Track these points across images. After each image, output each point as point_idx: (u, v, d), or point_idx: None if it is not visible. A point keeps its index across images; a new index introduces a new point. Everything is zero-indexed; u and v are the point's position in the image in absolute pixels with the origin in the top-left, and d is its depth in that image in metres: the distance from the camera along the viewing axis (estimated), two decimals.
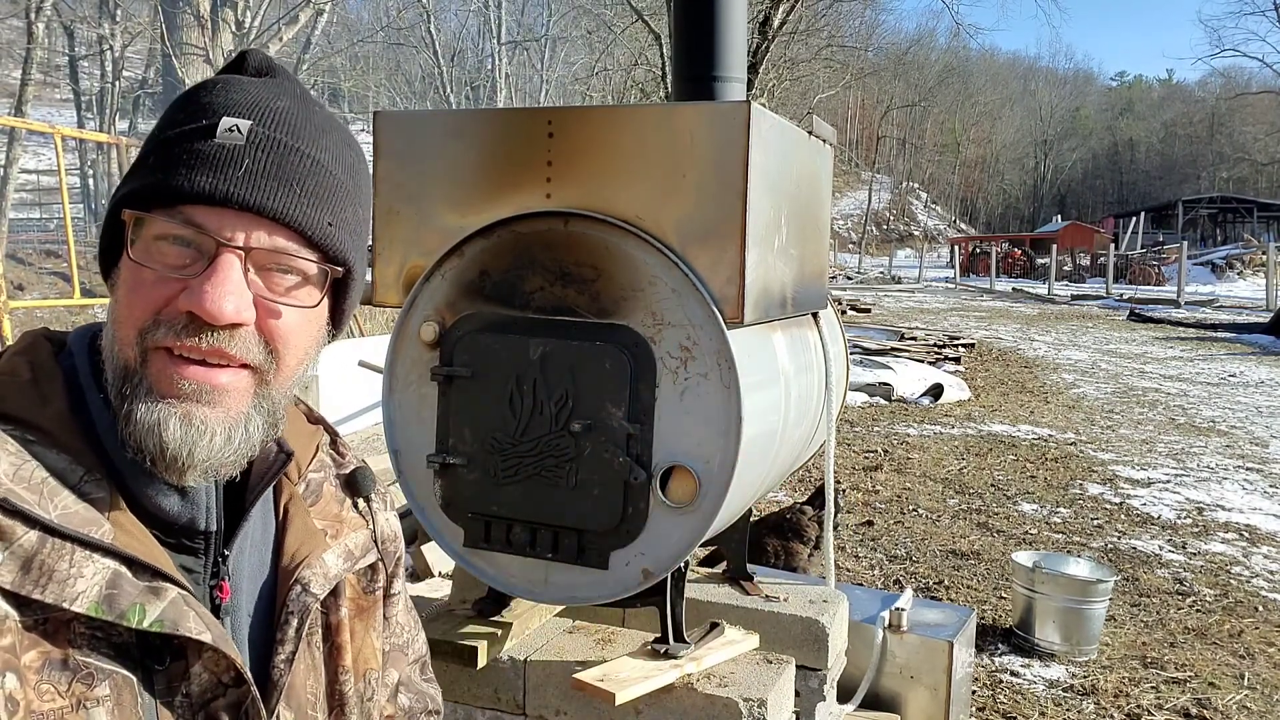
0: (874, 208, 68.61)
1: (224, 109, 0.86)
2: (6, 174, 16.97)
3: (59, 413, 0.84)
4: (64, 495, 0.79)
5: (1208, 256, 39.83)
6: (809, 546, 3.75)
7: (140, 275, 0.83)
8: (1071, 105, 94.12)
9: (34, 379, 0.85)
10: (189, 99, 0.89)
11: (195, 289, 0.81)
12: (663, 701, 1.98)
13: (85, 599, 0.76)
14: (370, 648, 1.06)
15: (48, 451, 0.81)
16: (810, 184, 2.28)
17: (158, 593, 0.80)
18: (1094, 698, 3.73)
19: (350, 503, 1.07)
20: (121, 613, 0.77)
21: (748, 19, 3.39)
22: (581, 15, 24.41)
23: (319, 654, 1.00)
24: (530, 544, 2.00)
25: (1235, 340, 17.29)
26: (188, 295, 0.81)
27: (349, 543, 1.03)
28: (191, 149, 0.83)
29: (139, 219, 0.84)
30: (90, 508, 0.80)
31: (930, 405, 10.08)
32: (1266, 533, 5.89)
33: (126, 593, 0.78)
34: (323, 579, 0.97)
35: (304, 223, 0.86)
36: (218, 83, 0.90)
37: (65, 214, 8.48)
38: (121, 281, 0.85)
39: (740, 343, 1.87)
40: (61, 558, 0.76)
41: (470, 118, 2.09)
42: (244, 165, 0.83)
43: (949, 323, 20.21)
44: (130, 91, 26.91)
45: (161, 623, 0.79)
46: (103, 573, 0.78)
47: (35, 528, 0.76)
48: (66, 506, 0.78)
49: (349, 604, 1.03)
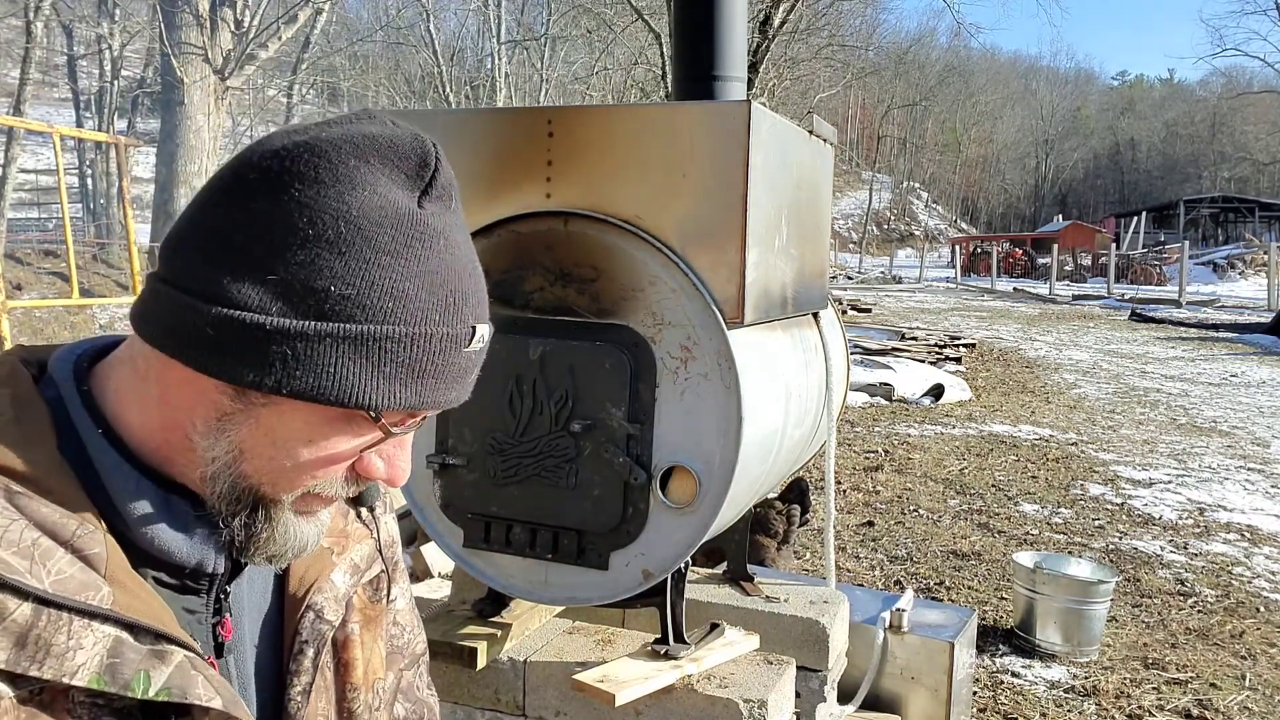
0: (874, 207, 68.63)
1: (472, 309, 0.81)
2: (5, 173, 16.97)
3: (47, 454, 0.77)
4: (57, 557, 0.73)
5: (1209, 256, 39.83)
6: (776, 541, 3.73)
7: (345, 454, 0.81)
8: (1073, 105, 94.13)
9: (16, 417, 0.78)
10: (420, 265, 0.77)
11: (391, 464, 0.84)
12: (663, 702, 1.97)
13: (86, 671, 0.71)
14: (378, 657, 1.04)
15: (36, 504, 0.74)
16: (811, 184, 2.27)
17: (162, 657, 0.75)
18: (1095, 698, 3.72)
19: (354, 514, 1.04)
20: (125, 683, 0.73)
21: (748, 18, 3.38)
22: (581, 14, 24.40)
23: (329, 674, 0.97)
24: (530, 544, 1.99)
25: (1237, 340, 17.28)
26: (386, 469, 0.84)
27: (354, 556, 1.01)
28: (450, 361, 0.80)
29: (391, 432, 0.81)
30: (86, 567, 0.74)
31: (931, 405, 10.07)
32: (1268, 533, 5.88)
33: (129, 660, 0.74)
34: (334, 603, 0.95)
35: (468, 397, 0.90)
36: (437, 239, 0.79)
37: (64, 214, 8.48)
38: (306, 441, 0.79)
39: (740, 343, 1.86)
40: (59, 630, 0.71)
41: (470, 117, 2.08)
42: (474, 372, 0.84)
43: (950, 323, 20.20)
44: (129, 91, 26.92)
45: (169, 690, 0.75)
46: (103, 641, 0.73)
47: (28, 600, 0.70)
48: (61, 571, 0.72)
49: (358, 615, 1.01)
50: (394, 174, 0.78)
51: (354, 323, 0.74)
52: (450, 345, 0.78)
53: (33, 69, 16.54)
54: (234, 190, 0.76)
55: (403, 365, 0.76)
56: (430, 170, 0.79)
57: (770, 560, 3.73)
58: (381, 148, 0.78)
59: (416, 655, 1.19)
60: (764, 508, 3.88)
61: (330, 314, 0.74)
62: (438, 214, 0.80)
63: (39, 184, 27.58)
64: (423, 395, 0.78)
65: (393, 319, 0.75)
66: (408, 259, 0.76)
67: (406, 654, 1.17)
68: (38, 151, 28.31)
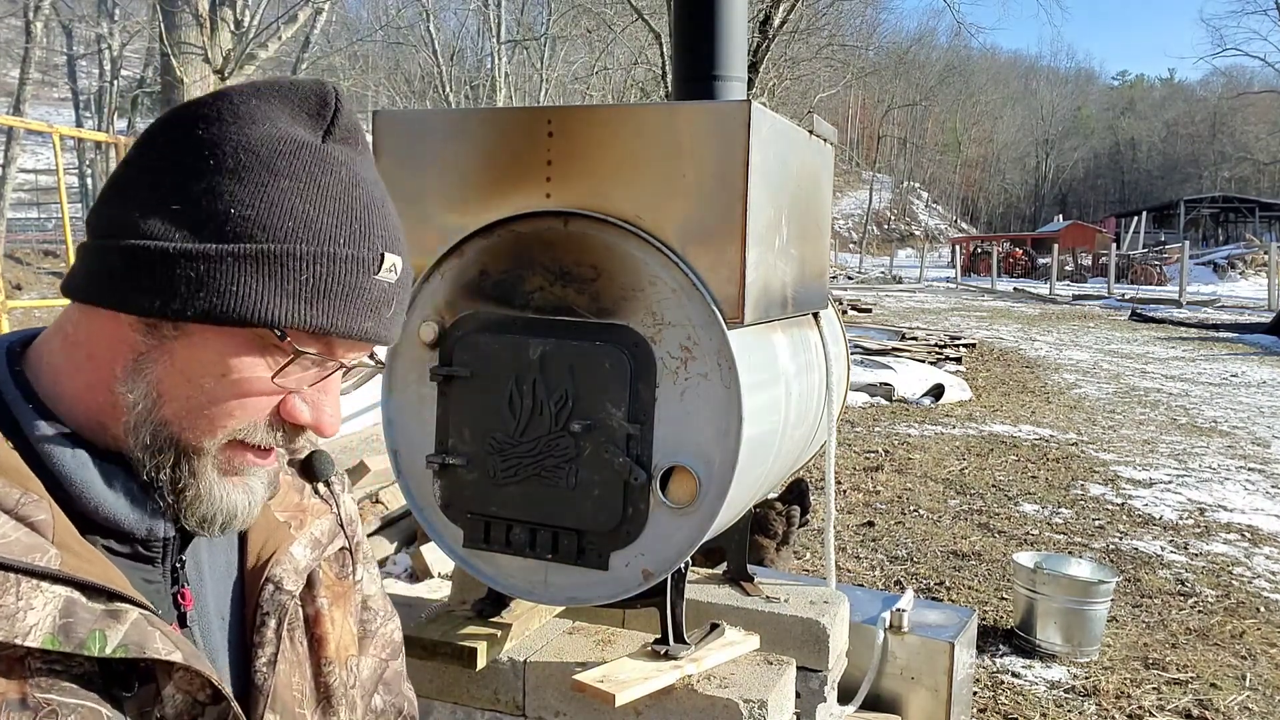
0: (875, 207, 68.63)
1: (381, 237, 0.82)
2: (5, 173, 16.98)
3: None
4: (1, 522, 0.73)
5: (1209, 256, 39.83)
6: (775, 541, 3.73)
7: (260, 387, 0.81)
8: (1073, 104, 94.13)
9: None
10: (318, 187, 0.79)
11: (316, 408, 0.84)
12: (663, 703, 1.97)
13: (39, 632, 0.71)
14: (349, 634, 1.06)
15: None
16: (811, 183, 2.27)
17: (117, 616, 0.75)
18: (1095, 699, 3.72)
19: (310, 489, 1.05)
20: (80, 641, 0.72)
21: (748, 18, 3.38)
22: (581, 14, 24.39)
23: (302, 649, 0.98)
24: (530, 544, 1.99)
25: (1237, 340, 17.28)
26: (310, 413, 0.83)
27: (314, 531, 1.02)
28: (359, 285, 0.80)
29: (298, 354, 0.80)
30: (32, 532, 0.74)
31: (931, 405, 10.07)
32: (1268, 533, 5.88)
33: (83, 620, 0.73)
34: (294, 573, 0.96)
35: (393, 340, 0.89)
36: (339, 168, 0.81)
37: (64, 214, 8.47)
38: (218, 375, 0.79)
39: (741, 343, 1.86)
40: (6, 591, 0.71)
41: (470, 117, 2.08)
42: (394, 307, 0.84)
43: (950, 323, 20.20)
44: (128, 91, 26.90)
45: (125, 647, 0.74)
46: (54, 601, 0.72)
47: None
48: (5, 535, 0.72)
49: (326, 592, 1.02)
50: (295, 112, 0.82)
51: (254, 242, 0.76)
52: (357, 268, 0.80)
53: (32, 69, 16.55)
54: (144, 143, 0.81)
55: (306, 283, 0.78)
56: (331, 110, 0.83)
57: (769, 561, 3.73)
58: (283, 89, 0.82)
59: (397, 645, 1.19)
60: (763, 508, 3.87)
61: (231, 235, 0.76)
62: (341, 151, 0.82)
63: (38, 184, 27.59)
64: (330, 317, 0.79)
65: (294, 238, 0.77)
66: (308, 184, 0.79)
67: (384, 641, 1.16)
68: (37, 151, 28.32)
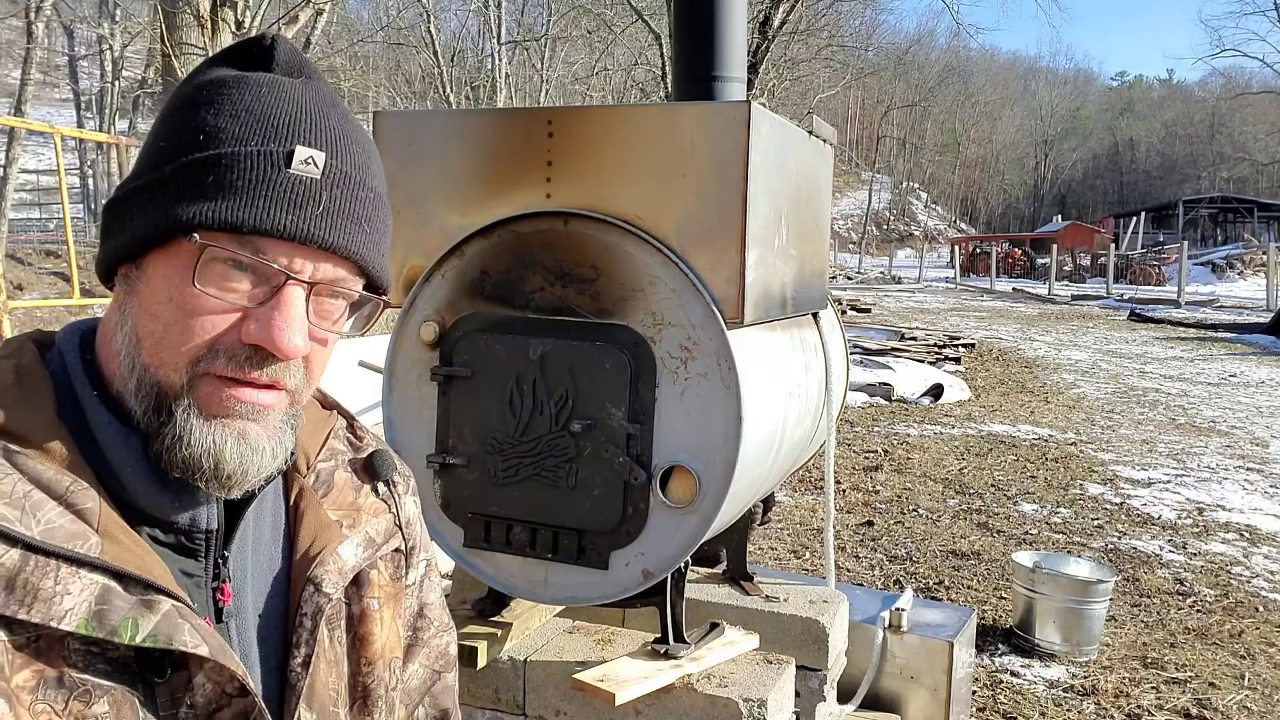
0: (874, 208, 68.62)
1: (291, 132, 0.83)
2: (6, 174, 16.97)
3: (45, 418, 0.81)
4: (48, 508, 0.76)
5: (1208, 256, 39.83)
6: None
7: (200, 302, 0.80)
8: (1072, 105, 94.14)
9: (18, 382, 0.83)
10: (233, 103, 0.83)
11: (265, 323, 0.81)
12: (663, 702, 1.98)
13: (74, 617, 0.74)
14: (396, 636, 1.05)
15: (32, 461, 0.78)
16: (810, 184, 2.27)
17: (150, 606, 0.77)
18: (1094, 698, 3.73)
19: (369, 488, 1.04)
20: (113, 629, 0.75)
21: (748, 19, 3.39)
22: (581, 15, 24.40)
23: (341, 648, 0.97)
24: (530, 544, 2.00)
25: (1236, 340, 17.29)
26: (258, 329, 0.81)
27: (370, 530, 1.01)
28: (266, 178, 0.80)
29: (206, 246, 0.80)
30: (77, 520, 0.77)
31: (930, 405, 10.07)
32: (1267, 533, 5.89)
33: (117, 608, 0.76)
34: (336, 575, 0.95)
35: (366, 258, 0.87)
36: (261, 85, 0.85)
37: (65, 214, 8.49)
38: (166, 300, 0.81)
39: (740, 343, 1.87)
40: (46, 575, 0.74)
41: (470, 118, 2.09)
42: (321, 203, 0.83)
43: (949, 323, 20.20)
44: (130, 91, 26.89)
45: (155, 637, 0.76)
46: (90, 588, 0.75)
47: (16, 546, 0.73)
48: (50, 521, 0.76)
49: (378, 592, 1.01)
50: (232, 59, 0.88)
51: (170, 163, 0.82)
52: (262, 162, 0.81)
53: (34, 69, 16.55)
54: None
55: (212, 184, 0.80)
56: (265, 49, 0.87)
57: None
58: (228, 50, 0.90)
59: (451, 658, 1.18)
60: None
61: (153, 168, 0.83)
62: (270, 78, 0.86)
63: (40, 184, 27.57)
64: (236, 212, 0.80)
65: (201, 149, 0.81)
66: (223, 104, 0.83)
67: (438, 653, 1.15)
68: (39, 152, 28.29)
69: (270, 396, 0.84)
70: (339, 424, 1.07)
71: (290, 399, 0.87)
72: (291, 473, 0.98)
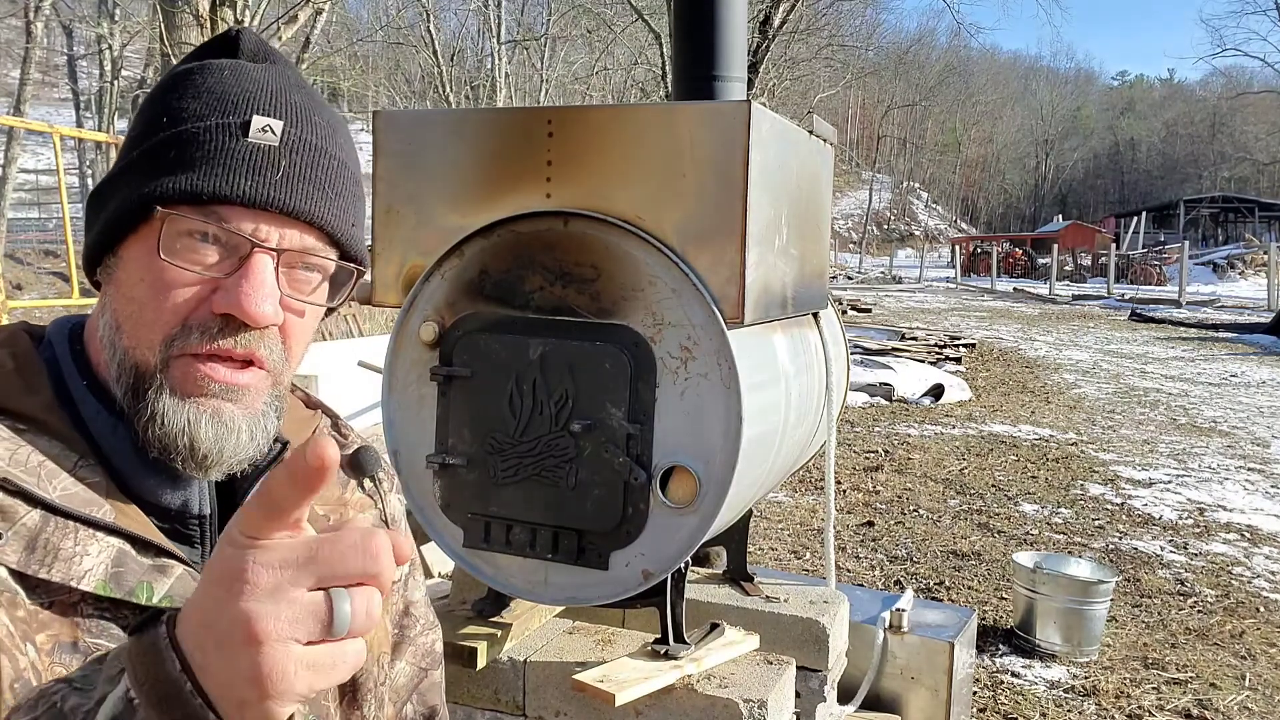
0: (874, 207, 68.64)
1: (249, 104, 0.84)
2: (5, 174, 16.98)
3: (47, 402, 0.83)
4: (62, 478, 0.79)
5: (1209, 256, 39.84)
6: None
7: (169, 275, 0.81)
8: (1073, 105, 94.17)
9: (18, 368, 0.85)
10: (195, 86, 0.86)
11: (233, 291, 0.81)
12: (663, 702, 1.97)
13: (92, 577, 0.76)
14: (384, 631, 1.06)
15: (40, 439, 0.80)
16: (811, 184, 2.27)
17: (164, 570, 0.80)
18: (1095, 698, 3.72)
19: (355, 484, 1.05)
20: (130, 590, 0.77)
21: (748, 18, 3.39)
22: (581, 14, 24.41)
23: None
24: (530, 544, 1.99)
25: (1237, 340, 17.29)
26: (225, 297, 0.81)
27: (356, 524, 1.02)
28: (224, 148, 0.82)
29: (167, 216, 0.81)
30: (89, 490, 0.80)
31: (931, 405, 10.07)
32: (1268, 533, 5.89)
33: (133, 570, 0.78)
34: None
35: (333, 225, 0.87)
36: (224, 68, 0.88)
37: (64, 214, 8.48)
38: (139, 280, 0.83)
39: (740, 343, 1.87)
40: (66, 536, 0.76)
41: (470, 117, 2.08)
42: (281, 168, 0.83)
43: (950, 323, 20.20)
44: (129, 91, 26.89)
45: (171, 599, 0.78)
46: (108, 551, 0.78)
47: (37, 507, 0.76)
48: (66, 488, 0.78)
49: None
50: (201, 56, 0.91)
51: (137, 149, 0.85)
52: (220, 134, 0.83)
53: (33, 69, 16.55)
54: None
55: (173, 159, 0.82)
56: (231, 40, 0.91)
57: None
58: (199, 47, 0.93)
59: (437, 656, 1.19)
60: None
61: (123, 157, 0.87)
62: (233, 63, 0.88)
63: (39, 184, 27.56)
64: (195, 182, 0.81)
65: (164, 129, 0.84)
66: (185, 88, 0.86)
67: (424, 651, 1.16)
68: (38, 151, 28.30)
69: (246, 376, 0.85)
70: (324, 422, 1.09)
71: (270, 380, 0.87)
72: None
